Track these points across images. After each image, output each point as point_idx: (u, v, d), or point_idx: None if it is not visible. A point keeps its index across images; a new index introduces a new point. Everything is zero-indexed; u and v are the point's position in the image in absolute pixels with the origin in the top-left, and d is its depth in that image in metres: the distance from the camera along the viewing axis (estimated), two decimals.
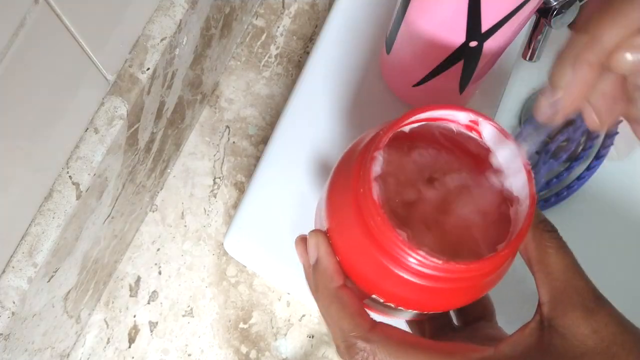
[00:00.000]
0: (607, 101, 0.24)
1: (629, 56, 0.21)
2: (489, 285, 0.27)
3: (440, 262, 0.24)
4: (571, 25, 0.43)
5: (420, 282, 0.25)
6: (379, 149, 0.26)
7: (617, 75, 0.23)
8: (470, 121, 0.27)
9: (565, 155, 0.56)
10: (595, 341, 0.24)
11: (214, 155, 0.52)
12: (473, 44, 0.33)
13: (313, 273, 0.29)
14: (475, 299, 0.28)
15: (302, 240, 0.31)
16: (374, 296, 0.28)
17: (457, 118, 0.28)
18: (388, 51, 0.41)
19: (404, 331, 0.27)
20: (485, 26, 0.32)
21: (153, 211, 0.51)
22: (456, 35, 0.33)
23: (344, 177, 0.28)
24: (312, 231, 0.29)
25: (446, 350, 0.26)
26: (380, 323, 0.27)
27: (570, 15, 0.42)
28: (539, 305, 0.26)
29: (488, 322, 0.32)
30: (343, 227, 0.28)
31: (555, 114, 0.24)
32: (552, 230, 0.27)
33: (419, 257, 0.24)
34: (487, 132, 0.28)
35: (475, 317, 0.32)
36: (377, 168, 0.26)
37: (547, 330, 0.25)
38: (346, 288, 0.28)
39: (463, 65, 0.36)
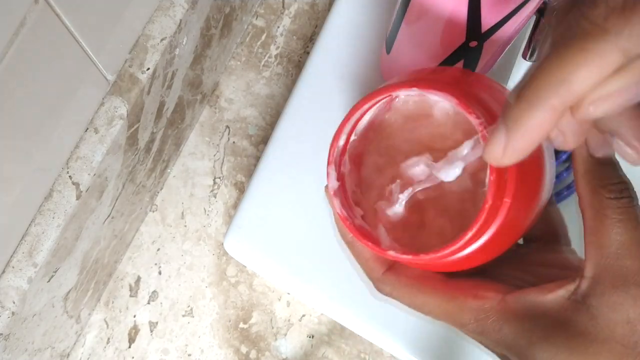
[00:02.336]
0: (574, 126, 0.21)
1: (602, 106, 0.18)
2: (498, 242, 0.26)
3: (410, 257, 0.25)
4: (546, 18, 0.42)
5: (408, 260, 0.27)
6: (330, 164, 0.27)
7: None
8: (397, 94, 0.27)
9: (565, 155, 0.56)
10: (624, 331, 0.22)
11: (214, 155, 0.52)
12: (473, 44, 0.33)
13: (335, 220, 0.30)
14: (492, 258, 0.27)
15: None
16: None
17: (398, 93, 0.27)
18: (388, 51, 0.41)
19: (418, 272, 0.28)
20: (485, 26, 0.32)
21: (153, 211, 0.51)
22: (456, 35, 0.33)
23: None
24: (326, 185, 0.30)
25: (450, 293, 0.26)
26: (397, 264, 0.28)
27: None
28: (580, 278, 0.23)
29: (549, 243, 0.29)
30: None
31: (506, 156, 0.20)
32: (617, 197, 0.23)
33: (390, 255, 0.26)
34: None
35: (536, 237, 0.29)
36: (333, 183, 0.28)
37: (576, 305, 0.23)
38: None
39: (463, 66, 0.36)
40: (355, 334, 0.49)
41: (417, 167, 0.28)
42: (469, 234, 0.24)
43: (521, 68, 0.53)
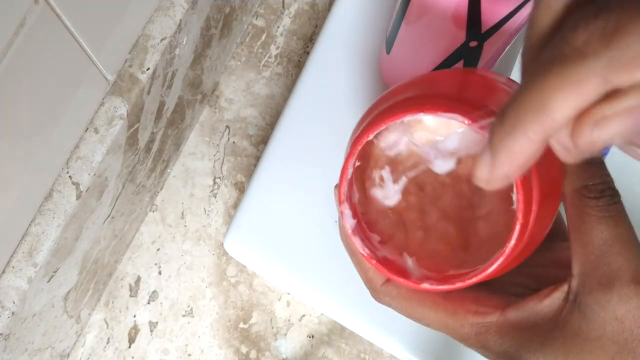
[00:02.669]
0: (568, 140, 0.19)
1: (586, 137, 0.17)
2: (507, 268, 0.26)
3: (412, 284, 0.25)
4: None
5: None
6: (342, 203, 0.26)
7: None
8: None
9: None
10: (614, 329, 0.22)
11: (214, 155, 0.52)
12: (473, 44, 0.33)
13: (338, 225, 0.29)
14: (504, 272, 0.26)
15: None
16: None
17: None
18: (388, 51, 0.41)
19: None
20: (485, 26, 0.32)
21: (153, 211, 0.51)
22: (456, 35, 0.33)
23: (347, 150, 0.28)
24: (336, 185, 0.28)
25: (450, 308, 0.26)
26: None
27: None
28: (570, 277, 0.23)
29: (546, 241, 0.28)
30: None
31: (493, 180, 0.19)
32: (597, 196, 0.23)
33: (425, 287, 0.25)
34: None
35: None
36: (350, 222, 0.26)
37: (570, 305, 0.23)
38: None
39: (463, 65, 0.36)
40: (355, 334, 0.49)
41: (394, 135, 0.27)
42: (502, 258, 0.23)
43: None
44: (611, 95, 0.17)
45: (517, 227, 0.23)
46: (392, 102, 0.27)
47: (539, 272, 0.27)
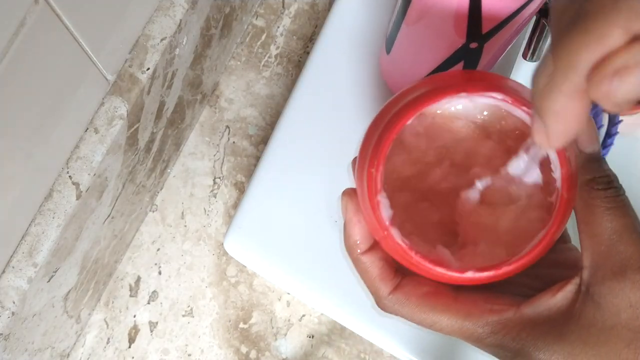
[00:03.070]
0: None
1: (604, 87, 0.17)
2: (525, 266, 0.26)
3: (456, 274, 0.24)
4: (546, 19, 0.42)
5: (440, 274, 0.25)
6: (379, 192, 0.25)
7: None
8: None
9: None
10: (629, 316, 0.22)
11: (214, 155, 0.52)
12: (473, 45, 0.33)
13: (343, 233, 0.29)
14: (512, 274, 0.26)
15: (346, 194, 0.30)
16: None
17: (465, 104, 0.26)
18: (388, 51, 0.41)
19: (428, 288, 0.27)
20: (485, 28, 0.32)
21: (153, 211, 0.51)
22: (456, 36, 0.33)
23: (364, 152, 0.27)
24: (344, 191, 0.28)
25: (464, 309, 0.25)
26: (405, 281, 0.27)
27: None
28: (581, 268, 0.24)
29: (565, 244, 0.28)
30: (363, 203, 0.27)
31: (551, 140, 0.20)
32: (604, 188, 0.23)
33: (468, 277, 0.24)
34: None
35: None
36: (388, 212, 0.25)
37: (583, 297, 0.23)
38: (369, 253, 0.28)
39: (463, 67, 0.36)
40: (355, 334, 0.49)
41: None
42: (549, 230, 0.23)
43: (521, 68, 0.53)
44: (632, 43, 0.17)
45: (558, 207, 0.23)
46: (412, 96, 0.26)
47: (544, 272, 0.27)
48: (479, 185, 0.27)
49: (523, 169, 0.25)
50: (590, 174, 0.24)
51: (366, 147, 0.27)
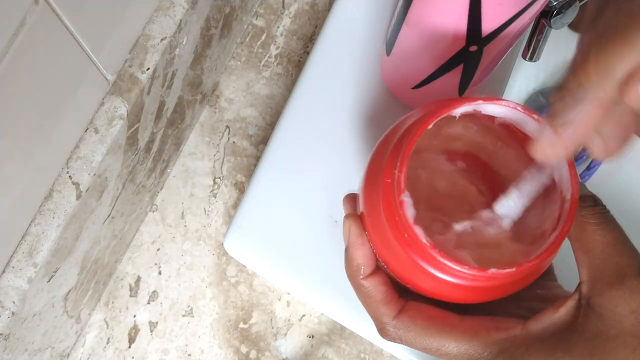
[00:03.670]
0: (617, 129, 0.21)
1: (633, 91, 0.18)
2: (532, 278, 0.26)
3: (477, 272, 0.24)
4: (571, 25, 0.43)
5: (455, 282, 0.25)
6: (403, 191, 0.25)
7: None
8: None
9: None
10: (632, 322, 0.23)
11: (214, 155, 0.52)
12: (473, 48, 0.33)
13: (344, 258, 0.29)
14: (518, 290, 0.26)
15: (347, 200, 0.30)
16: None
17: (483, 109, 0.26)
18: (388, 53, 0.41)
19: (433, 311, 0.27)
20: (485, 31, 0.32)
21: (153, 211, 0.51)
22: (456, 39, 0.33)
23: (376, 168, 0.27)
24: (346, 216, 0.28)
25: (470, 330, 0.26)
26: (409, 305, 0.27)
27: (570, 15, 0.42)
28: (579, 284, 0.25)
29: (542, 280, 0.29)
30: (374, 219, 0.27)
31: (555, 151, 0.22)
32: (592, 205, 0.25)
33: (456, 268, 0.24)
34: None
35: None
36: (411, 211, 0.25)
37: (584, 310, 0.24)
38: (372, 277, 0.28)
39: (463, 69, 0.36)
40: (355, 334, 0.49)
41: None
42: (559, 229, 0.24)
43: (521, 68, 0.53)
44: None
45: (568, 207, 0.24)
46: (429, 109, 0.26)
47: (536, 305, 0.27)
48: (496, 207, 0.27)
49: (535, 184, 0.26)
50: (577, 192, 0.25)
51: (380, 157, 0.27)
